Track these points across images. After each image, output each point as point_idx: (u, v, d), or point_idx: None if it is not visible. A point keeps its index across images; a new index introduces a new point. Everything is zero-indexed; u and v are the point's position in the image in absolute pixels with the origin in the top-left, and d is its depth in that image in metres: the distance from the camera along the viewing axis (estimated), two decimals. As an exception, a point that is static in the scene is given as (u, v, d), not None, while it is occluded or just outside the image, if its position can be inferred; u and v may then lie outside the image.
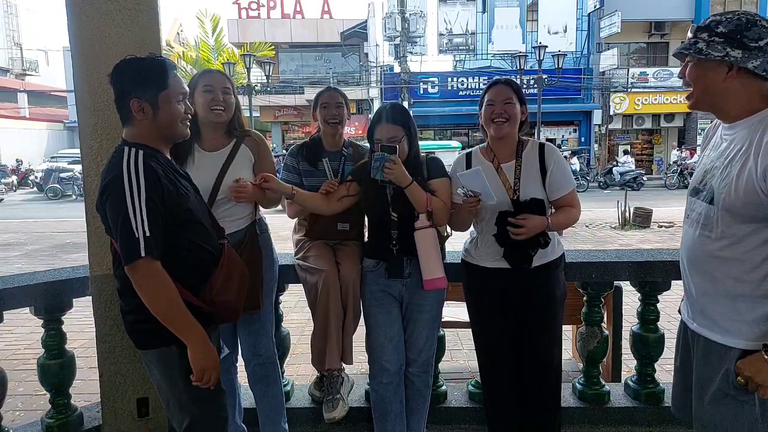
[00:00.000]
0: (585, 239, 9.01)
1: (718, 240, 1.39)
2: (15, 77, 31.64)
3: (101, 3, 2.05)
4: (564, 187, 2.07)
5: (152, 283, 1.49)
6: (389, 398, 2.23)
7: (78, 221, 10.22)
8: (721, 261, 1.39)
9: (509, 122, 2.04)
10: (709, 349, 1.44)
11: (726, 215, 1.36)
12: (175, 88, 1.60)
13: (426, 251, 2.08)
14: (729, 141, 1.41)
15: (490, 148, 2.15)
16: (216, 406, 1.71)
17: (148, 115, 1.57)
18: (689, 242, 1.50)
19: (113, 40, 2.06)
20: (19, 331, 4.59)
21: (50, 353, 2.35)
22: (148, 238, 1.45)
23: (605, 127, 23.04)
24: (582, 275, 2.53)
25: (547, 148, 2.11)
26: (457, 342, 4.20)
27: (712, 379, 1.43)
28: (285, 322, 2.74)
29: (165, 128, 1.61)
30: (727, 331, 1.40)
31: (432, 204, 2.10)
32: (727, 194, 1.35)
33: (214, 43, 18.80)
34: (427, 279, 2.09)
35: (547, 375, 2.15)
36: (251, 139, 2.23)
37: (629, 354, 2.73)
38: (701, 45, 1.38)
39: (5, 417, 2.32)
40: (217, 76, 2.16)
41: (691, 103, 1.47)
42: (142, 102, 1.55)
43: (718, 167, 1.41)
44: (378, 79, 23.68)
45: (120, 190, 1.46)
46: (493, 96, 2.07)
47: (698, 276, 1.48)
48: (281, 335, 2.65)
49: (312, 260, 2.32)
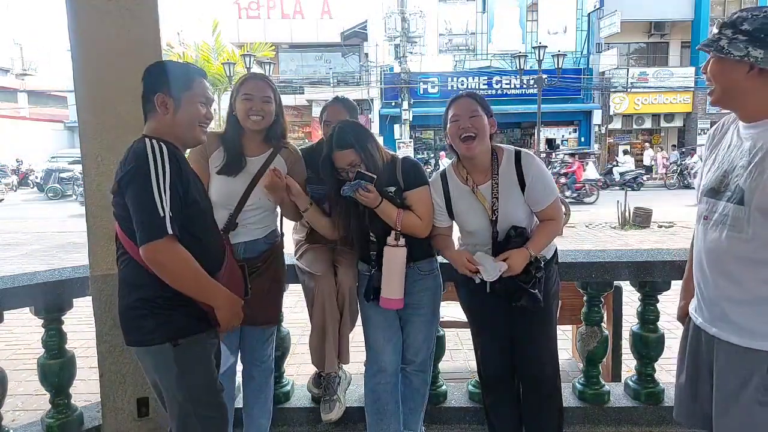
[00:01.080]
0: (585, 239, 9.01)
1: (750, 241, 1.34)
2: (15, 77, 31.63)
3: (101, 3, 2.05)
4: (544, 199, 2.00)
5: (177, 259, 1.52)
6: (385, 398, 2.23)
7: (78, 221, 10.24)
8: (751, 263, 1.35)
9: (478, 137, 1.92)
10: (734, 354, 1.39)
11: (758, 215, 1.32)
12: (198, 91, 1.67)
13: (388, 269, 2.04)
14: (754, 140, 1.37)
15: (462, 165, 2.05)
16: (213, 405, 1.70)
17: (170, 111, 1.63)
18: (712, 244, 1.44)
19: (113, 40, 2.06)
20: (19, 331, 4.58)
21: (50, 353, 2.35)
22: (172, 218, 1.49)
23: (605, 127, 23.04)
24: (582, 275, 2.53)
25: (524, 160, 1.99)
26: (457, 342, 4.20)
27: (742, 386, 1.37)
28: (285, 322, 2.74)
29: (183, 127, 1.65)
30: (755, 333, 1.35)
31: (401, 223, 2.03)
32: (760, 194, 1.31)
33: (214, 43, 18.80)
34: (384, 297, 2.06)
35: (547, 372, 2.14)
36: (287, 150, 2.22)
37: (629, 354, 2.73)
38: (723, 42, 1.34)
39: (5, 417, 2.32)
40: (259, 83, 2.11)
41: (712, 99, 1.44)
42: (166, 98, 1.62)
43: (744, 166, 1.36)
44: (378, 79, 23.67)
45: (146, 173, 1.49)
46: (457, 110, 1.96)
47: (721, 278, 1.42)
48: (281, 335, 2.65)
49: (310, 264, 2.31)
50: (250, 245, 2.13)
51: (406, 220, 2.05)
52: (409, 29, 22.19)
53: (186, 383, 1.62)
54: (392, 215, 2.03)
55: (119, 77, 2.09)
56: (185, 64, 1.74)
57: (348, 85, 23.35)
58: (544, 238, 2.02)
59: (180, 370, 1.60)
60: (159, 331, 1.59)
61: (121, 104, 2.09)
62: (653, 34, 23.03)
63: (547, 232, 2.03)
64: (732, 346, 1.40)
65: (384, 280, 2.05)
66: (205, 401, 1.67)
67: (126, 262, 1.61)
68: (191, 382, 1.63)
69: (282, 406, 2.64)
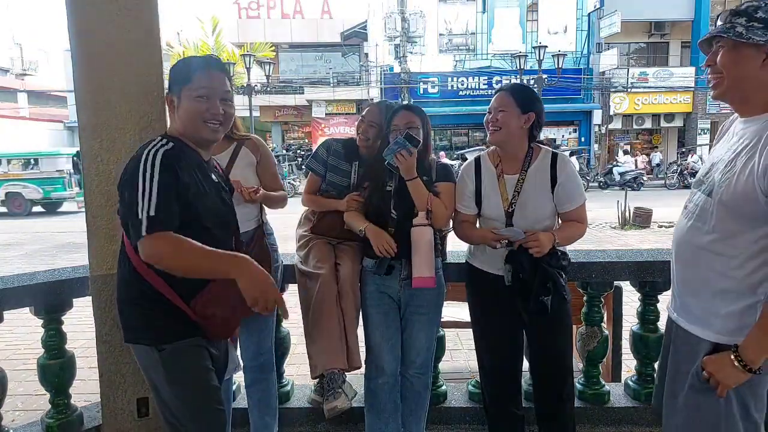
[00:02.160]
0: (585, 239, 8.95)
1: (709, 233, 1.39)
2: (15, 77, 31.63)
3: (101, 3, 2.05)
4: (574, 200, 2.04)
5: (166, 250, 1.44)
6: (384, 398, 2.23)
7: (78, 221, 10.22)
8: (708, 254, 1.39)
9: (501, 131, 2.02)
10: (683, 339, 1.46)
11: (721, 209, 1.35)
12: (197, 84, 1.57)
13: (419, 248, 2.07)
14: (740, 136, 1.40)
15: (497, 153, 2.14)
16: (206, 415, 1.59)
17: (175, 109, 1.61)
18: (680, 232, 1.50)
19: (113, 40, 2.06)
20: (19, 331, 4.58)
21: (50, 353, 2.35)
22: (152, 217, 1.42)
23: (605, 127, 23.04)
24: (582, 275, 2.53)
25: (560, 159, 2.06)
26: (457, 342, 4.20)
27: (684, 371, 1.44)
28: (285, 322, 2.74)
29: (185, 124, 1.60)
30: (700, 321, 1.42)
31: (432, 203, 2.10)
32: (726, 188, 1.34)
33: (213, 43, 18.81)
34: (416, 277, 2.07)
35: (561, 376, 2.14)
36: (251, 142, 2.26)
37: (629, 354, 2.73)
38: (740, 29, 1.32)
39: (5, 417, 2.32)
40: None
41: (718, 92, 1.41)
42: (172, 95, 1.61)
43: (723, 161, 1.39)
44: (378, 79, 23.67)
45: (134, 171, 1.47)
46: (491, 104, 2.08)
47: (682, 265, 1.48)
48: (281, 335, 2.65)
49: (312, 260, 2.32)
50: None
51: (436, 201, 2.11)
52: (409, 29, 22.21)
53: (175, 390, 1.57)
54: (423, 193, 2.10)
55: (119, 77, 2.08)
56: (193, 57, 1.65)
57: (348, 85, 23.36)
58: (569, 232, 2.04)
59: (169, 376, 1.56)
60: (144, 333, 1.56)
61: (121, 104, 2.09)
62: (653, 34, 23.03)
63: (574, 230, 2.06)
64: (683, 331, 1.47)
65: (414, 260, 2.08)
66: (196, 411, 1.59)
67: (123, 258, 1.60)
68: (181, 389, 1.57)
69: (282, 406, 2.63)
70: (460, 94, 22.60)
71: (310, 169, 2.48)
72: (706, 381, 1.39)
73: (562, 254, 1.99)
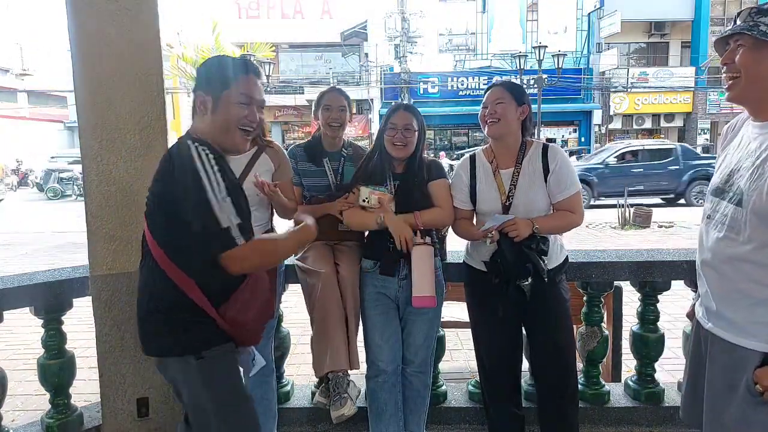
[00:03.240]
0: (585, 239, 9.00)
1: (745, 243, 1.33)
2: (15, 77, 31.60)
3: (101, 3, 2.05)
4: (566, 188, 2.04)
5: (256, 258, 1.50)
6: (384, 397, 2.23)
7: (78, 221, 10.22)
8: (745, 264, 1.34)
9: (500, 122, 2.04)
10: (725, 350, 1.39)
11: (754, 218, 1.30)
12: (239, 89, 1.53)
13: (419, 268, 2.10)
14: (760, 141, 1.35)
15: (491, 149, 2.16)
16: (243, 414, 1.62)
17: (208, 111, 1.54)
18: (711, 244, 1.44)
19: (113, 40, 2.06)
20: (19, 331, 4.58)
21: (50, 353, 2.35)
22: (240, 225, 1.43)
23: (605, 127, 23.04)
24: (582, 275, 2.53)
25: (551, 149, 2.09)
26: (457, 342, 4.20)
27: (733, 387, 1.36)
28: (285, 322, 2.74)
29: (219, 129, 1.54)
30: (743, 331, 1.35)
31: (421, 220, 2.12)
32: (758, 197, 1.29)
33: (213, 43, 18.80)
34: (416, 296, 2.09)
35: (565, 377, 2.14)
36: (272, 149, 2.26)
37: (629, 354, 2.73)
38: (764, 28, 1.27)
39: (5, 417, 2.31)
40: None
41: (733, 93, 1.37)
42: (205, 96, 1.54)
43: (747, 168, 1.34)
44: (378, 79, 23.67)
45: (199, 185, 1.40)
46: (486, 98, 2.10)
47: (718, 278, 1.42)
48: (281, 335, 2.65)
49: (311, 262, 2.32)
50: None
51: (425, 216, 2.13)
52: (409, 29, 22.21)
53: (212, 394, 1.56)
54: (410, 220, 2.12)
55: (119, 77, 2.09)
56: (231, 59, 1.59)
57: (348, 85, 23.35)
58: (554, 221, 2.05)
59: (205, 382, 1.54)
60: (179, 343, 1.53)
61: (121, 104, 2.09)
62: (653, 34, 23.04)
63: (559, 217, 2.06)
64: (724, 342, 1.40)
65: (415, 279, 2.10)
66: (234, 410, 1.60)
67: (148, 264, 1.53)
68: (218, 392, 1.56)
69: (282, 406, 2.63)
70: (460, 94, 22.60)
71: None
72: (759, 395, 1.31)
73: (541, 238, 1.98)
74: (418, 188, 2.18)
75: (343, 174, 2.44)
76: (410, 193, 2.18)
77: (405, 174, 2.22)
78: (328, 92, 2.46)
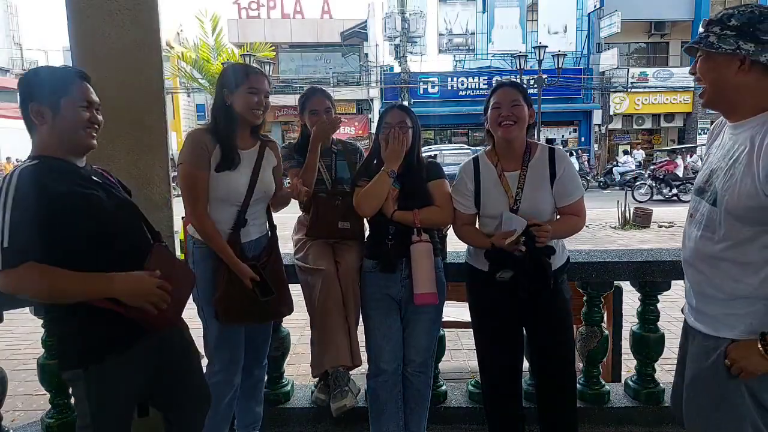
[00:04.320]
0: (585, 239, 9.00)
1: (720, 242, 1.38)
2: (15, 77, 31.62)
3: (101, 3, 2.05)
4: (572, 193, 2.04)
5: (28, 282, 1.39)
6: (385, 397, 2.23)
7: (78, 221, 10.18)
8: (721, 262, 1.39)
9: (518, 124, 2.00)
10: (703, 342, 1.45)
11: (729, 218, 1.35)
12: (78, 95, 1.51)
13: (419, 266, 2.11)
14: (734, 141, 1.39)
15: (495, 152, 2.12)
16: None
17: (47, 120, 1.47)
18: (690, 242, 1.49)
19: (113, 40, 2.06)
20: (19, 331, 4.58)
21: (50, 353, 2.35)
22: (6, 249, 1.34)
23: (605, 127, 23.05)
24: (582, 275, 2.53)
25: (558, 154, 2.07)
26: (457, 342, 4.20)
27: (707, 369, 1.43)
28: (285, 322, 2.74)
29: (65, 133, 1.49)
30: (721, 324, 1.41)
31: (419, 218, 2.12)
32: (730, 197, 1.33)
33: (213, 43, 18.79)
34: (417, 293, 2.10)
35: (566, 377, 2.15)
36: (273, 144, 2.27)
37: (629, 354, 2.73)
38: (712, 38, 1.35)
39: (5, 417, 2.31)
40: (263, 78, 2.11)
41: (704, 100, 1.44)
42: (41, 107, 1.47)
43: (722, 168, 1.39)
44: (378, 79, 23.67)
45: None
46: (499, 98, 2.03)
47: (697, 275, 1.48)
48: (281, 335, 2.64)
49: (311, 260, 2.32)
50: (254, 243, 2.13)
51: (423, 215, 2.13)
52: (409, 29, 22.21)
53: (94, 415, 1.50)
54: (408, 217, 2.12)
55: (119, 77, 2.08)
56: (60, 68, 1.56)
57: (348, 85, 23.37)
58: (562, 226, 2.05)
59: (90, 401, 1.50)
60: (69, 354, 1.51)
61: (120, 104, 2.09)
62: (653, 34, 23.03)
63: (569, 224, 2.06)
64: (701, 335, 1.46)
65: (416, 277, 2.10)
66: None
67: None
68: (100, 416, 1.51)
69: (282, 406, 2.64)
70: (460, 94, 22.60)
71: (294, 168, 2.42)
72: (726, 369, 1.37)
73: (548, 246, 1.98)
74: (418, 188, 2.18)
75: (335, 169, 2.47)
76: (412, 193, 2.18)
77: (405, 174, 2.20)
78: (311, 95, 2.46)
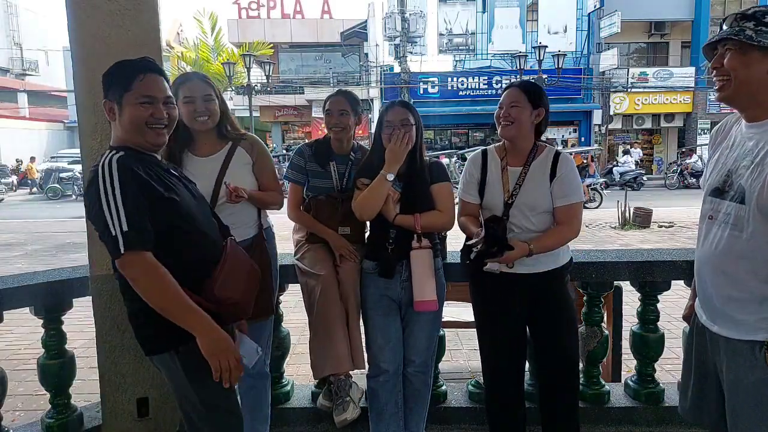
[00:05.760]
0: (585, 239, 9.00)
1: (749, 240, 1.36)
2: (15, 77, 31.60)
3: (101, 3, 2.05)
4: (568, 195, 2.03)
5: (141, 275, 1.46)
6: (385, 397, 2.23)
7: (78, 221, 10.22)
8: (749, 262, 1.37)
9: (513, 125, 2.04)
10: (736, 347, 1.42)
11: (758, 215, 1.34)
12: (138, 90, 1.54)
13: (419, 272, 2.11)
14: (756, 139, 1.38)
15: (504, 147, 2.16)
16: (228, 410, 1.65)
17: (116, 116, 1.57)
18: (715, 243, 1.46)
19: (113, 40, 2.06)
20: (19, 331, 4.58)
21: (50, 353, 2.35)
22: (126, 233, 1.42)
23: (605, 127, 23.03)
24: (582, 275, 2.53)
25: (563, 157, 2.09)
26: (457, 342, 4.20)
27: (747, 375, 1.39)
28: (285, 322, 2.74)
29: (130, 131, 1.56)
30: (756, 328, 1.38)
31: (420, 224, 2.11)
32: (759, 194, 1.33)
33: (213, 42, 18.80)
34: (417, 300, 2.11)
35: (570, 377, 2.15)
36: (247, 142, 2.22)
37: (629, 354, 2.73)
38: (750, 32, 1.34)
39: (5, 417, 2.31)
40: (196, 84, 2.09)
41: (724, 94, 1.41)
42: (111, 102, 1.56)
43: (746, 166, 1.38)
44: (378, 79, 23.66)
45: (95, 190, 1.45)
46: (502, 99, 2.09)
47: (722, 277, 1.44)
48: (281, 335, 2.64)
49: (311, 264, 2.31)
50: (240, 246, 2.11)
51: (425, 220, 2.13)
52: (409, 29, 22.18)
53: (196, 389, 1.58)
54: (409, 221, 2.12)
55: (119, 77, 2.08)
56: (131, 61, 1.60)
57: (348, 85, 23.31)
58: (550, 240, 2.02)
59: (189, 377, 1.56)
60: (159, 340, 1.56)
61: (121, 104, 2.09)
62: (653, 34, 23.01)
63: (555, 234, 2.04)
64: (733, 342, 1.42)
65: (415, 283, 2.11)
66: (218, 407, 1.62)
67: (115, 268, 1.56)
68: (202, 387, 1.57)
69: (282, 407, 2.64)
70: (460, 94, 22.58)
71: (291, 180, 2.42)
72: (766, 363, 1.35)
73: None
74: (421, 190, 2.17)
75: (349, 178, 2.37)
76: (414, 194, 2.17)
77: (407, 174, 2.19)
78: (331, 96, 2.42)
